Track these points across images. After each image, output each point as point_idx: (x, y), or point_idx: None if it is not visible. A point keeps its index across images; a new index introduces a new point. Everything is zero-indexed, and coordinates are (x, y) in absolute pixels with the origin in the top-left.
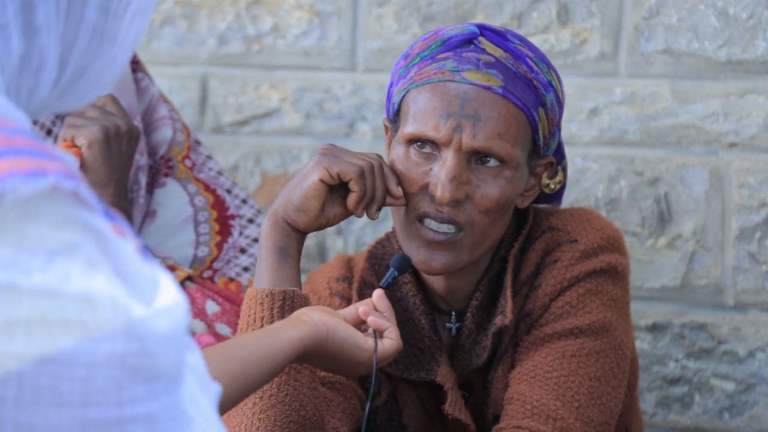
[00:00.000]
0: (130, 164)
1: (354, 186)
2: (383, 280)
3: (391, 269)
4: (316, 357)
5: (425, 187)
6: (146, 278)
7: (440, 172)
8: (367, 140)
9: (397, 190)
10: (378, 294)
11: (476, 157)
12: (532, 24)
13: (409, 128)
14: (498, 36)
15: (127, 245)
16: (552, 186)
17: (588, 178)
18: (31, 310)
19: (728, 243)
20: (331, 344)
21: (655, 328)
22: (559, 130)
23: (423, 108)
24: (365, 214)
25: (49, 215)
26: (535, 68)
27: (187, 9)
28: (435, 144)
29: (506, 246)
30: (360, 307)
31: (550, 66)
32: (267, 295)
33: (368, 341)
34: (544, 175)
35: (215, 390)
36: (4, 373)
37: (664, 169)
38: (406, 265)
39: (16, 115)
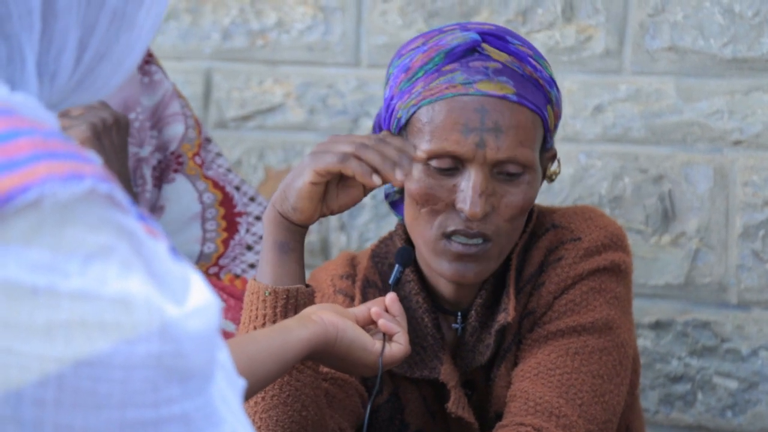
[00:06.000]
0: (125, 154)
1: (347, 171)
2: (391, 277)
3: (396, 266)
4: (323, 356)
5: (451, 204)
6: (177, 278)
7: (467, 189)
8: None
9: (418, 153)
10: (391, 297)
11: (498, 168)
12: (537, 20)
13: (428, 146)
14: (499, 40)
15: (158, 246)
16: (553, 177)
17: (592, 176)
18: (70, 313)
19: (732, 241)
20: (339, 345)
21: (658, 326)
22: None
23: (441, 124)
24: (388, 182)
25: (85, 218)
26: (538, 66)
27: (191, 3)
28: (457, 158)
29: None
30: (373, 308)
31: (544, 59)
32: (270, 293)
33: (376, 344)
34: (549, 167)
35: (240, 385)
36: (44, 376)
37: (669, 166)
38: (409, 259)
39: (47, 116)
